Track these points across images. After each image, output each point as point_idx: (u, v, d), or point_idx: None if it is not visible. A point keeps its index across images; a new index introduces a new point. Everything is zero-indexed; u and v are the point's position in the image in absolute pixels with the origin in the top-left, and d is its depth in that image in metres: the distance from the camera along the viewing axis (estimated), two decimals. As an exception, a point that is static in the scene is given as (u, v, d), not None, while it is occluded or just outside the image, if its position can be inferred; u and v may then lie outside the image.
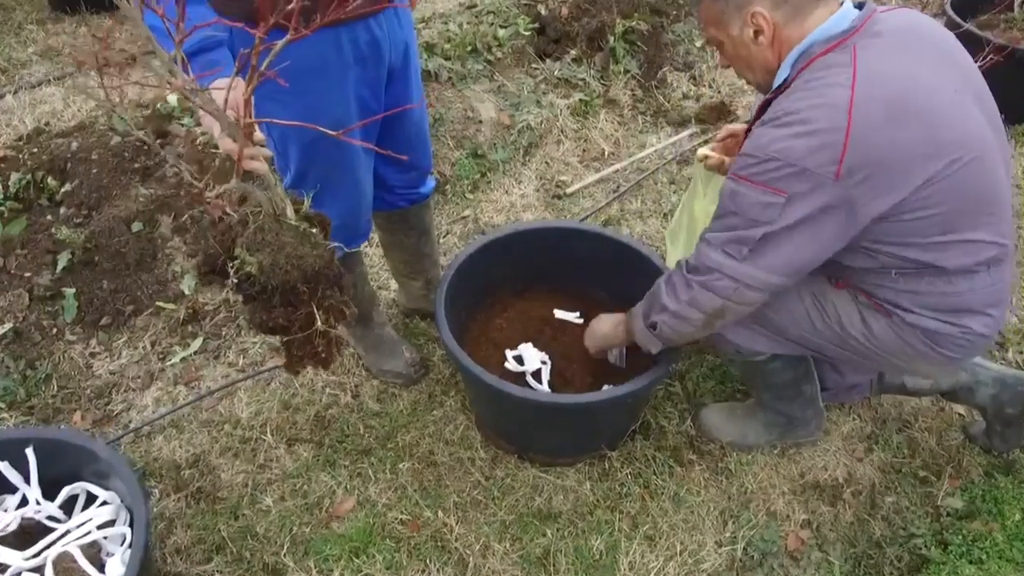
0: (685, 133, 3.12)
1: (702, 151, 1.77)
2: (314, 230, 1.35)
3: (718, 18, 1.43)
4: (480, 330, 2.09)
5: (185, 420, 2.06)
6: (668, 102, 3.30)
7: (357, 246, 1.88)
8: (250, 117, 1.04)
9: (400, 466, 1.94)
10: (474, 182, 2.86)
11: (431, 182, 2.02)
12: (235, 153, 1.09)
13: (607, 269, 2.11)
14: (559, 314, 2.14)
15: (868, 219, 1.33)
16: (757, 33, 1.39)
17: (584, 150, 3.06)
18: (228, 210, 1.11)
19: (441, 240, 2.66)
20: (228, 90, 1.05)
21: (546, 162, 3.00)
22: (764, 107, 1.44)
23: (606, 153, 3.04)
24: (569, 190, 2.85)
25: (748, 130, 1.52)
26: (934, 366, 1.58)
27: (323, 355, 1.40)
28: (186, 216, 2.42)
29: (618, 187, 2.88)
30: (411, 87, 1.70)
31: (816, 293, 1.59)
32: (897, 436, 2.04)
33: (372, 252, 2.57)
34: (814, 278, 1.58)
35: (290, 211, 1.29)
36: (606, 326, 1.86)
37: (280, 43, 0.98)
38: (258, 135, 1.22)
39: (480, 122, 3.00)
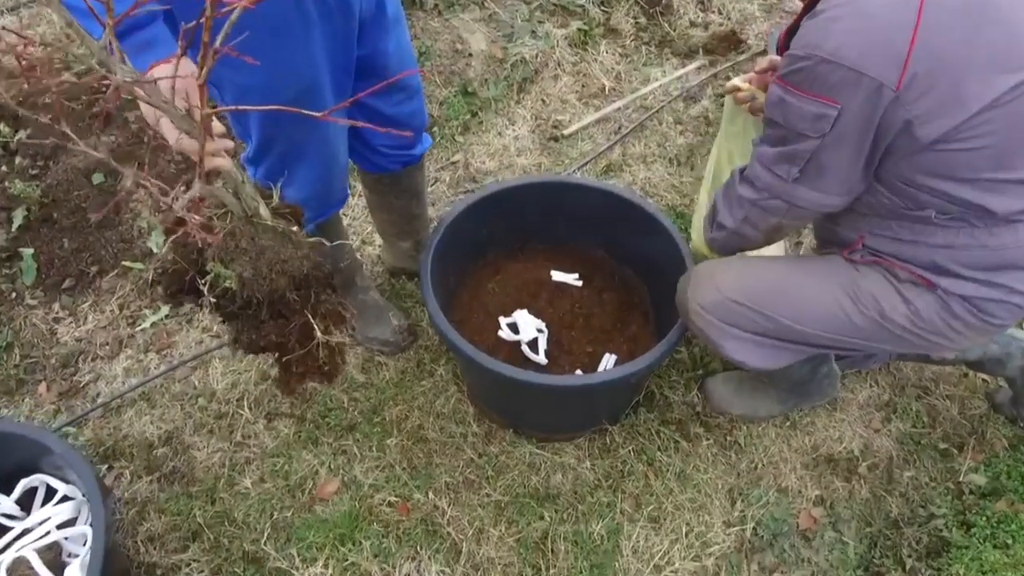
0: (692, 66, 2.88)
1: (733, 81, 1.56)
2: (294, 228, 1.19)
3: None
4: (471, 295, 1.93)
5: (157, 393, 1.93)
6: (674, 30, 3.04)
7: (331, 215, 1.70)
8: (206, 106, 0.85)
9: (387, 443, 1.81)
10: (464, 123, 2.64)
11: (426, 141, 1.82)
12: (194, 152, 0.91)
13: (607, 225, 1.94)
14: (556, 276, 1.98)
15: (925, 142, 1.15)
16: None
17: (583, 86, 2.83)
18: (206, 236, 0.93)
19: (429, 189, 2.47)
20: (175, 75, 0.85)
21: (542, 100, 2.77)
22: (808, 8, 1.24)
23: (607, 89, 2.81)
24: (567, 131, 2.63)
25: (786, 36, 1.31)
26: (981, 336, 1.43)
27: (327, 368, 1.25)
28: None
29: (620, 128, 2.67)
30: (388, 34, 1.49)
31: (846, 287, 1.42)
32: (916, 404, 1.92)
33: (354, 203, 2.38)
34: (835, 268, 1.43)
35: (264, 210, 1.12)
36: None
37: (237, 7, 0.78)
38: (217, 126, 1.03)
39: (470, 55, 2.75)
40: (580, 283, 1.97)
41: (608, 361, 1.82)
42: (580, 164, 2.52)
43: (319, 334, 1.21)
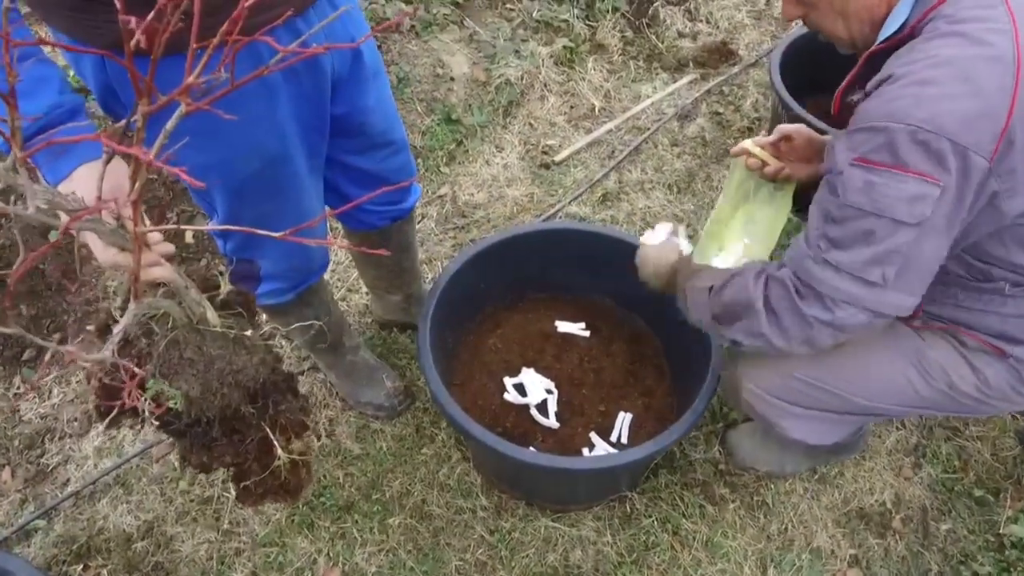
0: (683, 81, 2.75)
1: (744, 145, 1.41)
2: (247, 332, 1.04)
3: None
4: (471, 354, 1.79)
5: (133, 476, 1.76)
6: (662, 43, 2.91)
7: (312, 283, 1.55)
8: (140, 222, 0.70)
9: (389, 522, 1.67)
10: (449, 153, 2.49)
11: (415, 192, 1.67)
12: (126, 268, 0.76)
13: (612, 272, 1.80)
14: (561, 326, 1.84)
15: (1011, 215, 1.02)
16: None
17: (572, 107, 2.69)
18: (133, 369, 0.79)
19: (416, 226, 2.31)
20: (100, 179, 0.70)
21: (530, 123, 2.63)
22: (868, 66, 1.07)
23: (596, 109, 2.67)
24: (558, 157, 2.49)
25: (840, 96, 1.15)
26: None
27: (291, 485, 1.11)
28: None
29: (613, 152, 2.53)
30: (367, 89, 1.34)
31: (912, 358, 1.28)
32: (946, 446, 1.81)
33: (335, 247, 2.23)
34: (900, 338, 1.30)
35: (212, 315, 0.97)
36: (655, 259, 1.45)
37: (177, 112, 0.63)
38: (155, 236, 0.88)
39: (452, 79, 2.60)
40: (587, 333, 1.83)
41: (623, 421, 1.69)
42: (575, 194, 2.38)
43: (280, 451, 1.08)
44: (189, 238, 2.13)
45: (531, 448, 1.62)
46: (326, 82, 1.24)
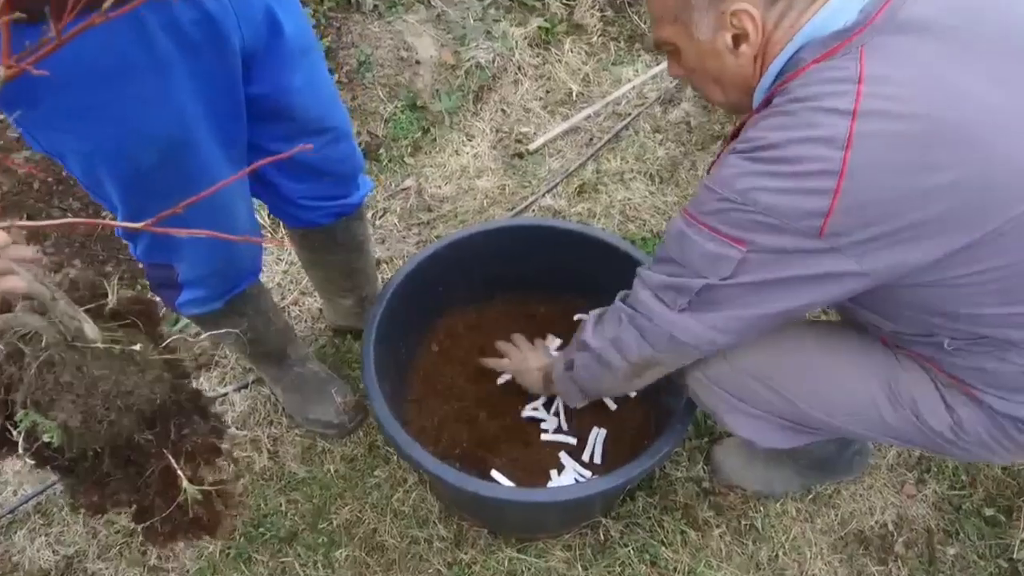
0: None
1: None
2: (137, 347, 0.89)
3: (678, 13, 0.98)
4: (431, 365, 1.61)
5: (54, 505, 1.58)
6: (644, 23, 2.72)
7: (244, 289, 1.38)
8: None
9: (336, 555, 1.50)
10: (414, 142, 2.31)
11: (364, 185, 1.49)
12: None
13: (586, 272, 1.63)
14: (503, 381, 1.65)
15: (874, 284, 0.94)
16: (738, 40, 0.96)
17: (547, 91, 2.51)
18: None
19: (377, 221, 2.14)
20: None
21: (502, 109, 2.44)
22: (743, 125, 1.04)
23: (574, 94, 2.49)
24: (532, 146, 2.31)
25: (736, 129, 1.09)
26: None
27: (205, 521, 0.95)
28: None
29: (592, 139, 2.35)
30: (292, 67, 1.16)
31: (883, 379, 1.14)
32: (952, 460, 1.65)
33: (272, 248, 2.04)
34: (873, 354, 1.16)
35: (90, 329, 0.81)
36: (530, 363, 1.53)
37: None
38: (2, 237, 0.71)
39: (417, 63, 2.41)
40: (559, 342, 1.66)
41: (597, 437, 1.52)
42: (550, 186, 2.20)
43: (186, 484, 0.92)
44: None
45: (493, 472, 1.45)
46: (234, 57, 1.06)
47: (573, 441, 1.51)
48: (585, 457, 1.50)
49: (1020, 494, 1.60)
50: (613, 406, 1.55)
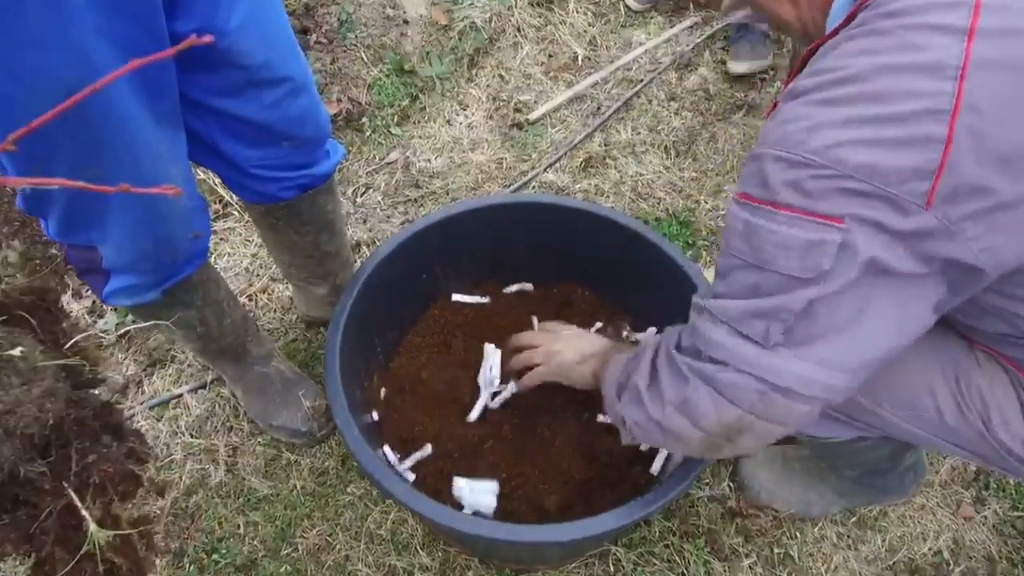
0: (683, 25, 2.32)
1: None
2: (17, 352, 0.70)
3: None
4: (412, 365, 1.39)
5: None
6: (658, -19, 2.47)
7: (187, 276, 1.15)
8: None
9: (301, 587, 1.28)
10: (401, 110, 2.07)
11: (334, 152, 1.27)
12: None
13: (592, 255, 1.40)
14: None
15: (994, 272, 0.72)
16: None
17: (550, 55, 2.26)
18: None
19: (359, 199, 1.91)
20: None
21: (500, 75, 2.20)
22: (809, 57, 0.81)
23: (579, 59, 2.25)
24: (532, 116, 2.07)
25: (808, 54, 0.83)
26: None
27: (123, 572, 0.76)
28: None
29: (599, 108, 2.11)
30: (226, 1, 0.92)
31: (950, 375, 0.93)
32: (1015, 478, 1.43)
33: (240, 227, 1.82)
34: (946, 346, 0.94)
35: None
36: (570, 349, 1.15)
37: None
38: None
39: (405, 22, 2.17)
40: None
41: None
42: (552, 160, 1.97)
43: (93, 527, 0.72)
44: None
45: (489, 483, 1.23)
46: None
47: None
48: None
49: (1096, 517, 1.38)
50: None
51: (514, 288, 1.49)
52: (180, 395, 1.51)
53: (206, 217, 1.15)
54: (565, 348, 1.15)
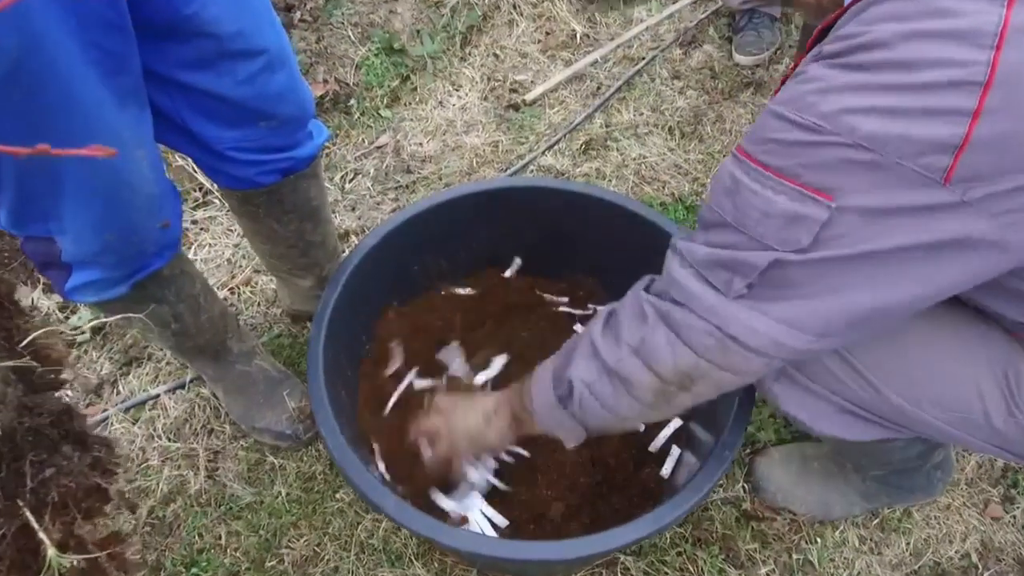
0: (686, 0, 2.22)
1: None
2: None
3: None
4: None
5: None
6: (659, -45, 2.36)
7: (156, 269, 1.06)
8: None
9: (287, 602, 1.20)
10: (392, 92, 1.97)
11: (318, 134, 1.17)
12: None
13: (594, 241, 1.31)
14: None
15: (1017, 264, 0.70)
16: None
17: (547, 33, 2.16)
18: None
19: (347, 185, 1.81)
20: None
21: (495, 54, 2.10)
22: (822, 31, 0.77)
23: (578, 36, 2.14)
24: (529, 96, 1.97)
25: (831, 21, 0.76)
26: None
27: None
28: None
29: (599, 88, 2.01)
30: None
31: (999, 373, 0.86)
32: (1046, 473, 1.35)
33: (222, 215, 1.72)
34: (992, 342, 0.87)
35: None
36: (470, 415, 1.02)
37: None
38: None
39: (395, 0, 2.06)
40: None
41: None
42: (550, 142, 1.87)
43: (52, 552, 0.66)
44: None
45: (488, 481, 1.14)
46: None
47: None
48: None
49: None
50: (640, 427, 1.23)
51: (509, 273, 1.39)
52: (157, 396, 1.42)
53: (177, 205, 1.06)
54: (464, 418, 1.02)
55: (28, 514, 0.65)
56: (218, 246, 1.68)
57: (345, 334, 1.13)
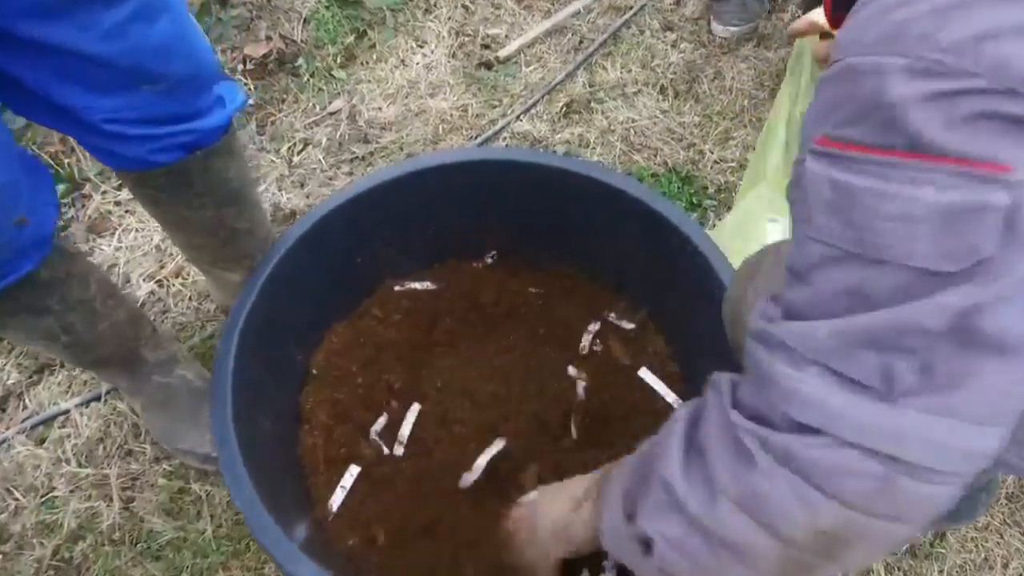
0: (679, -59, 1.97)
1: (810, 17, 0.78)
2: None
3: None
4: (342, 370, 1.09)
5: None
6: None
7: (29, 273, 0.85)
8: None
9: (213, 661, 1.01)
10: (346, 49, 1.73)
11: (230, 98, 0.95)
12: None
13: (578, 225, 1.10)
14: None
15: None
16: None
17: (523, -20, 1.91)
18: None
19: (295, 158, 1.58)
20: None
21: (463, 5, 1.86)
22: None
23: (558, -17, 1.90)
24: (503, 52, 1.74)
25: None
26: None
27: None
28: None
29: (581, 41, 1.78)
30: None
31: None
32: (1097, 484, 1.17)
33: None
34: None
35: None
36: (560, 500, 0.75)
37: None
38: None
39: (349, -58, 1.81)
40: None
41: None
42: (527, 105, 1.64)
43: None
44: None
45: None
46: None
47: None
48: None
49: None
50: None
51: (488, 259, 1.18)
52: (67, 411, 1.21)
53: (42, 194, 0.84)
54: (546, 508, 0.77)
55: None
56: (146, 231, 1.46)
57: (269, 348, 0.93)
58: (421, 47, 1.78)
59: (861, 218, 0.44)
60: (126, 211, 1.49)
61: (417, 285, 1.15)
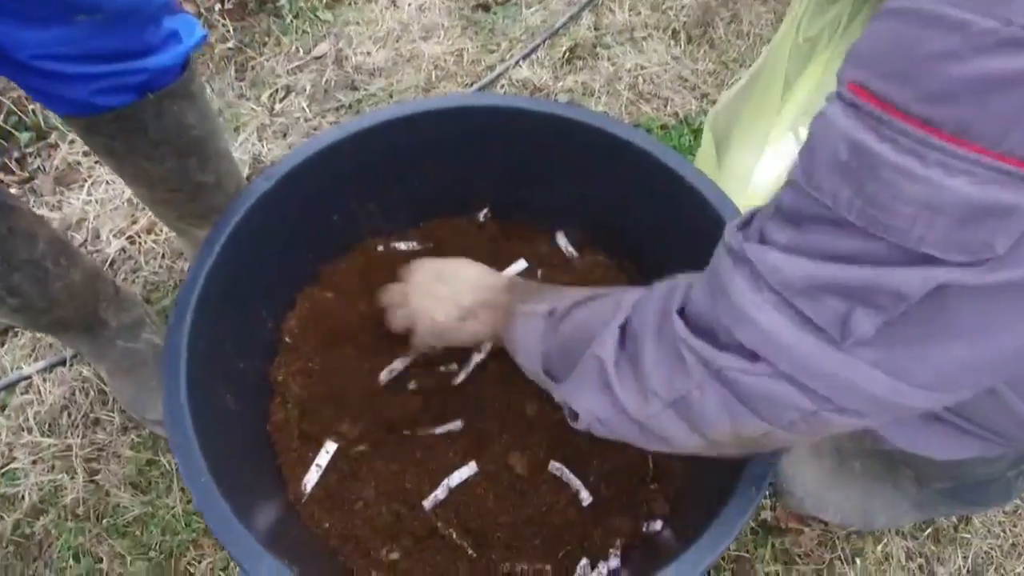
0: None
1: None
2: None
3: None
4: (320, 349, 1.00)
5: None
6: None
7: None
8: None
9: (182, 646, 0.95)
10: (333, -12, 1.61)
11: (188, 34, 0.84)
12: None
13: (581, 180, 1.00)
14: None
15: None
16: None
17: (525, -86, 1.77)
18: None
19: (277, 105, 1.47)
20: None
21: (460, -59, 1.72)
22: None
23: (563, -83, 1.76)
24: (503, -8, 1.62)
25: None
26: None
27: None
28: None
29: (588, -19, 1.65)
30: None
31: None
32: None
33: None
34: None
35: None
36: (448, 303, 0.80)
37: None
38: None
39: None
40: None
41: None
42: (527, 50, 1.52)
43: None
44: None
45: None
46: None
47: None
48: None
49: None
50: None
51: (481, 216, 1.09)
52: (28, 377, 1.13)
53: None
54: (434, 305, 0.81)
55: None
56: (117, 183, 1.37)
57: (233, 313, 0.84)
58: (414, -14, 1.65)
59: (875, 192, 0.39)
60: (96, 162, 1.39)
61: (402, 245, 1.05)
